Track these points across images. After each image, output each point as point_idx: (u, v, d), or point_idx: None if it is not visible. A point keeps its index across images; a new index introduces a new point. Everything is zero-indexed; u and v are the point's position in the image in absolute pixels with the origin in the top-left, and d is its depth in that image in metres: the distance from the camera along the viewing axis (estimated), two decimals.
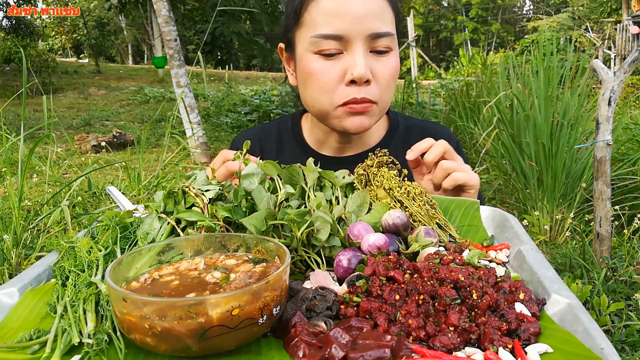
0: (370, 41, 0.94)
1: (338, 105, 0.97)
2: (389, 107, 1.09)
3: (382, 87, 0.97)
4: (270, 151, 1.20)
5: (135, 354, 0.53)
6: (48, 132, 2.30)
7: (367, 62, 0.94)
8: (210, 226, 0.71)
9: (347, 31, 0.92)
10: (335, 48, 0.94)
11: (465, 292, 0.58)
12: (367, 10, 0.92)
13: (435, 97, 7.80)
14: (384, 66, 0.96)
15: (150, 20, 17.50)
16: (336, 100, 0.97)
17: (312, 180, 0.82)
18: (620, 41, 12.28)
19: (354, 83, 0.94)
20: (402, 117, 1.22)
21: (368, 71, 0.93)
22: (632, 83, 8.16)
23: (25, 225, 2.05)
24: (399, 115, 1.22)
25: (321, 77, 0.96)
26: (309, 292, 0.60)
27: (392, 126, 1.18)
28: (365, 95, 0.95)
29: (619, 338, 1.75)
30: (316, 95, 0.99)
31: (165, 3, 5.71)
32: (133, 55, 28.76)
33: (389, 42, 0.95)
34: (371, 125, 1.01)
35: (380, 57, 0.96)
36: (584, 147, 3.07)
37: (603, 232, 2.22)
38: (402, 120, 1.20)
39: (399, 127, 1.18)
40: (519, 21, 35.57)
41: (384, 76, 0.96)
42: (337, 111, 0.98)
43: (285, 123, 1.22)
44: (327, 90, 0.97)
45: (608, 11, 15.76)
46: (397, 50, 1.00)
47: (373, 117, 1.00)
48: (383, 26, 0.94)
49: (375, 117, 1.01)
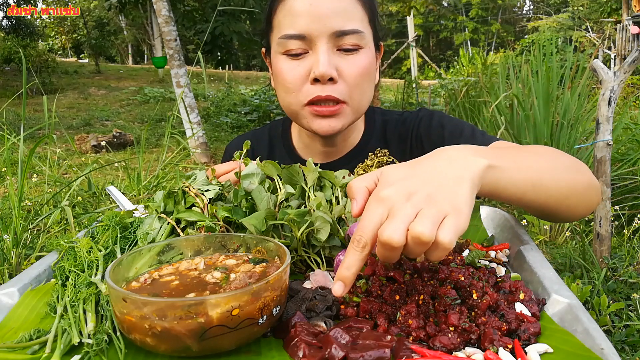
0: (334, 39, 0.93)
1: (304, 104, 0.97)
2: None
3: (350, 85, 0.95)
4: (262, 158, 1.18)
5: (135, 354, 0.53)
6: (48, 133, 2.30)
7: (331, 60, 0.93)
8: (210, 226, 0.71)
9: (310, 30, 0.92)
10: (300, 48, 0.94)
11: (465, 292, 0.58)
12: (330, 9, 0.91)
13: (435, 97, 7.80)
14: (350, 64, 0.94)
15: (150, 20, 17.49)
16: (301, 99, 0.97)
17: (312, 180, 0.82)
18: (620, 41, 12.28)
19: (318, 81, 0.94)
20: (378, 112, 1.19)
21: (331, 69, 0.92)
22: (632, 83, 8.16)
23: (25, 225, 2.05)
24: (375, 110, 1.19)
25: (287, 76, 0.96)
26: (309, 292, 0.60)
27: (369, 124, 1.16)
28: (330, 93, 0.94)
29: (619, 338, 1.75)
30: (284, 95, 1.00)
31: (165, 3, 5.71)
32: (133, 55, 28.76)
33: (355, 40, 0.94)
34: (344, 126, 0.99)
35: (347, 55, 0.95)
36: (584, 147, 3.07)
37: (603, 232, 2.22)
38: (379, 117, 1.17)
39: (375, 124, 1.16)
40: (519, 21, 35.58)
41: (351, 74, 0.94)
42: (304, 110, 0.98)
43: (276, 129, 1.22)
44: (293, 90, 0.97)
45: (608, 11, 15.76)
46: (371, 48, 0.98)
47: (344, 118, 0.98)
48: (348, 23, 0.92)
49: (347, 118, 0.99)
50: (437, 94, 8.10)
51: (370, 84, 0.99)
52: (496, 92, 3.85)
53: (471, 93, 5.04)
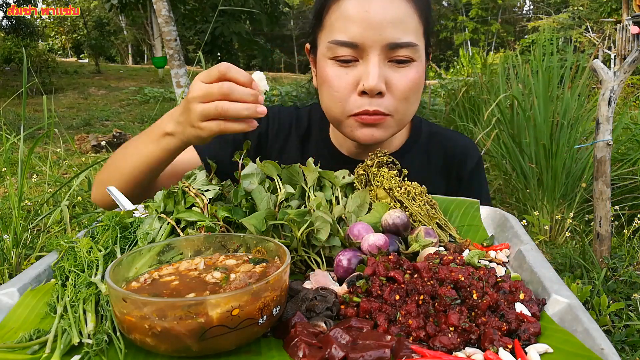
0: (387, 51, 0.89)
1: (350, 115, 0.94)
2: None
3: (397, 99, 0.92)
4: (298, 136, 1.16)
5: (135, 354, 0.53)
6: (47, 131, 2.30)
7: (382, 73, 0.89)
8: (210, 226, 0.71)
9: (363, 39, 0.88)
10: (350, 55, 0.90)
11: (465, 292, 0.58)
12: (386, 18, 0.87)
13: (435, 97, 7.80)
14: (401, 77, 0.91)
15: (150, 20, 17.49)
16: (348, 110, 0.94)
17: (312, 180, 0.82)
18: (620, 41, 12.27)
19: (366, 94, 0.91)
20: (425, 123, 1.17)
21: (380, 83, 0.89)
22: (632, 83, 8.16)
23: (25, 225, 2.05)
24: (422, 121, 1.17)
25: (334, 84, 0.93)
26: (309, 292, 0.60)
27: (414, 133, 1.14)
28: (377, 108, 0.91)
29: (619, 338, 1.75)
30: (329, 102, 0.96)
31: (165, 3, 5.71)
32: (133, 55, 28.75)
33: (409, 53, 0.90)
34: (384, 137, 0.97)
35: (399, 68, 0.91)
36: (584, 147, 3.07)
37: (603, 232, 2.22)
38: (426, 127, 1.16)
39: (421, 134, 1.14)
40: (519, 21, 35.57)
41: (401, 88, 0.91)
42: (349, 120, 0.95)
43: (316, 113, 1.17)
44: (340, 99, 0.94)
45: (608, 11, 15.75)
46: (422, 60, 0.94)
47: (387, 129, 0.96)
48: (404, 36, 0.88)
49: (391, 130, 0.97)
50: (437, 94, 8.10)
51: (417, 96, 0.96)
52: (496, 92, 3.85)
53: (471, 93, 5.04)
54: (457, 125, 4.63)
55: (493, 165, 3.80)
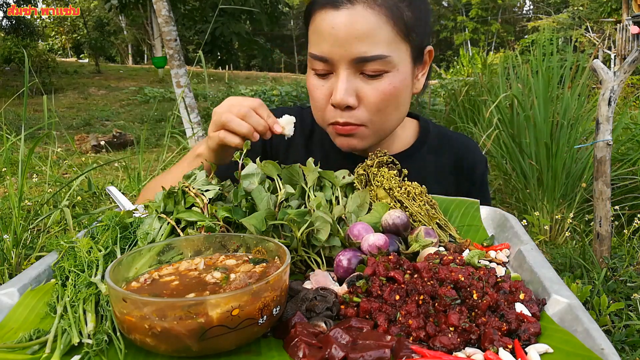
0: (355, 65, 0.89)
1: (327, 124, 0.98)
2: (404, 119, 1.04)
3: (369, 111, 0.92)
4: (303, 135, 1.17)
5: (135, 354, 0.53)
6: (48, 131, 2.30)
7: (351, 87, 0.90)
8: (210, 226, 0.71)
9: (331, 54, 0.89)
10: (324, 69, 0.92)
11: (465, 292, 0.58)
12: (352, 33, 0.86)
13: (435, 97, 7.79)
14: (372, 90, 0.90)
15: (150, 20, 17.49)
16: (326, 119, 0.97)
17: (312, 180, 0.82)
18: (620, 41, 12.28)
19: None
20: (432, 125, 1.17)
21: (347, 97, 0.90)
22: (632, 83, 8.16)
23: (25, 225, 2.05)
24: (430, 122, 1.17)
25: (314, 94, 0.96)
26: (309, 293, 0.60)
27: (422, 133, 1.14)
28: (347, 120, 0.93)
29: (619, 338, 1.75)
30: (313, 109, 1.01)
31: (165, 3, 5.71)
32: (133, 55, 28.75)
33: (379, 66, 0.89)
34: (363, 145, 0.98)
35: (370, 81, 0.91)
36: (584, 147, 3.07)
37: (603, 232, 2.22)
38: (433, 128, 1.16)
39: (429, 135, 1.14)
40: (519, 21, 35.57)
41: (372, 100, 0.91)
42: (328, 128, 0.99)
43: None
44: (319, 108, 0.97)
45: (608, 11, 15.75)
46: (401, 68, 0.92)
47: (364, 139, 0.97)
48: (371, 49, 0.87)
49: (369, 138, 0.98)
50: (437, 94, 8.10)
51: (396, 106, 0.95)
52: (496, 92, 3.85)
53: (471, 93, 5.04)
54: (457, 126, 4.63)
55: (493, 165, 3.80)
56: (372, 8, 0.87)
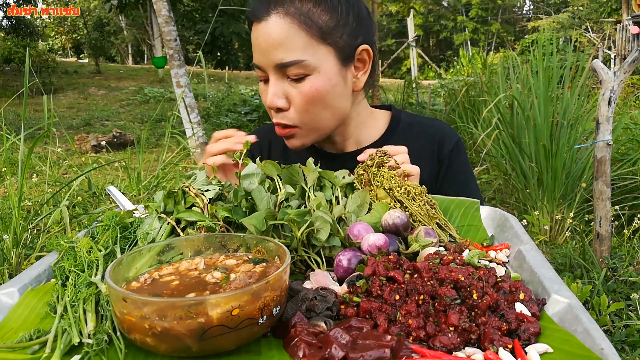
0: (280, 70, 0.97)
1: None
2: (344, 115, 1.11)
3: (298, 112, 1.00)
4: (277, 148, 1.25)
5: (135, 354, 0.53)
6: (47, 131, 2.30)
7: (279, 91, 0.99)
8: (210, 226, 0.71)
9: (260, 63, 0.99)
10: (262, 75, 1.01)
11: (465, 292, 0.58)
12: (268, 42, 0.95)
13: (435, 97, 7.80)
14: (297, 92, 0.98)
15: (150, 20, 17.49)
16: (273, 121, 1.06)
17: (312, 180, 0.82)
18: (620, 41, 12.27)
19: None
20: (405, 114, 1.23)
21: (277, 100, 0.98)
22: (632, 83, 8.16)
23: (25, 225, 2.05)
24: (402, 112, 1.23)
25: (262, 98, 1.06)
26: (309, 292, 0.60)
27: (392, 123, 1.20)
28: (279, 121, 1.02)
29: (619, 338, 1.75)
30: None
31: (165, 3, 5.71)
32: (133, 55, 28.74)
33: (298, 70, 0.96)
34: (304, 144, 1.06)
35: (295, 84, 0.98)
36: (584, 147, 3.07)
37: (603, 232, 2.22)
38: (405, 117, 1.22)
39: (400, 124, 1.20)
40: (519, 21, 35.56)
41: (298, 102, 0.99)
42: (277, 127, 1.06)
43: None
44: (267, 110, 1.06)
45: (608, 11, 15.74)
46: (323, 70, 0.98)
47: (302, 138, 1.05)
48: (287, 55, 0.95)
49: (308, 137, 1.05)
50: (437, 94, 8.10)
51: (324, 105, 1.01)
52: (496, 92, 3.85)
53: (471, 93, 5.04)
54: (457, 126, 4.63)
55: (493, 166, 3.80)
56: (284, 17, 0.95)
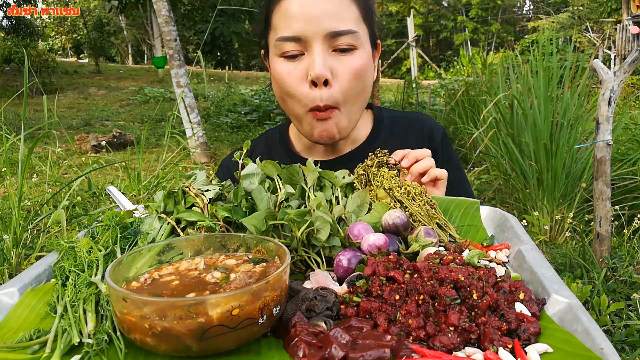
0: (329, 40, 0.93)
1: (307, 110, 0.98)
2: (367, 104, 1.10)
3: (343, 87, 0.96)
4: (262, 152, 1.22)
5: (135, 354, 0.53)
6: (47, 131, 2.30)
7: (326, 62, 0.94)
8: (210, 226, 0.71)
9: (304, 32, 0.93)
10: (296, 50, 0.96)
11: (465, 292, 0.58)
12: (323, 10, 0.92)
13: (435, 97, 7.80)
14: (345, 65, 0.95)
15: (150, 20, 17.49)
16: (304, 104, 0.98)
17: (312, 180, 0.82)
18: (620, 41, 12.28)
19: (315, 84, 0.95)
20: (385, 110, 1.23)
21: (326, 70, 0.93)
22: (632, 83, 8.16)
23: (25, 225, 2.05)
24: (382, 109, 1.23)
25: (286, 80, 0.98)
26: (309, 292, 0.60)
27: (377, 120, 1.20)
28: (327, 102, 0.95)
29: (619, 338, 1.75)
30: (285, 98, 1.01)
31: (165, 3, 5.71)
32: (133, 55, 28.74)
33: (350, 40, 0.94)
34: (340, 133, 1.01)
35: (342, 56, 0.95)
36: (584, 147, 3.07)
37: (603, 232, 2.22)
38: (386, 114, 1.22)
39: (384, 120, 1.20)
40: (519, 21, 35.56)
41: (345, 75, 0.95)
42: (307, 117, 1.00)
43: (273, 136, 1.24)
44: (293, 94, 0.98)
45: (608, 11, 15.75)
46: (366, 48, 0.98)
47: (339, 124, 1.00)
48: (342, 24, 0.93)
49: (342, 125, 1.01)
50: (437, 94, 8.10)
51: (365, 84, 1.00)
52: (496, 91, 3.85)
53: (471, 93, 5.04)
54: (457, 126, 4.63)
55: (493, 166, 3.80)
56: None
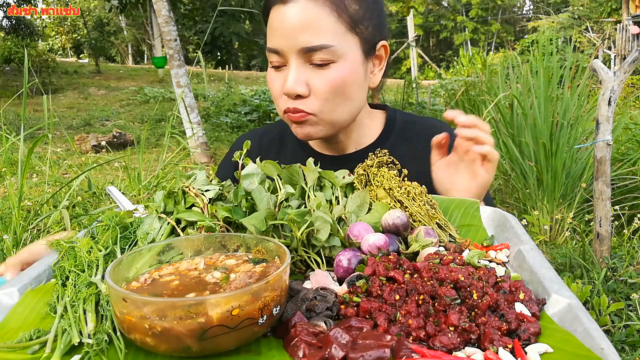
0: (304, 55, 0.92)
1: (283, 113, 1.00)
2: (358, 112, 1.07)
3: (319, 100, 0.95)
4: (271, 150, 1.22)
5: (135, 354, 0.53)
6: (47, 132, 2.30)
7: (302, 77, 0.93)
8: (210, 226, 0.71)
9: (280, 46, 0.93)
10: (277, 61, 0.96)
11: (465, 292, 0.58)
12: (297, 24, 0.91)
13: (435, 97, 7.80)
14: (320, 79, 0.94)
15: (150, 20, 17.49)
16: (280, 109, 1.00)
17: (312, 180, 0.82)
18: (620, 41, 12.28)
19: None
20: (400, 113, 1.21)
21: (297, 86, 0.93)
22: (632, 83, 8.16)
23: (25, 226, 2.05)
24: (397, 111, 1.21)
25: (271, 87, 1.00)
26: (309, 292, 0.60)
27: (388, 122, 1.18)
28: (297, 106, 0.95)
29: (619, 338, 1.75)
30: (274, 101, 1.04)
31: (165, 3, 5.71)
32: (133, 55, 28.75)
33: (325, 55, 0.92)
34: (315, 134, 1.00)
35: (319, 70, 0.94)
36: (584, 147, 3.07)
37: (603, 232, 2.22)
38: (400, 116, 1.20)
39: (396, 123, 1.18)
40: (519, 21, 35.56)
41: (321, 90, 0.94)
42: (284, 117, 1.01)
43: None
44: (275, 99, 1.01)
45: (608, 11, 15.76)
46: (349, 58, 0.95)
47: (316, 126, 0.99)
48: (316, 39, 0.91)
49: (322, 127, 1.00)
50: (437, 94, 8.10)
51: (344, 97, 0.98)
52: (496, 91, 3.85)
53: (471, 93, 5.04)
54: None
55: None
56: (316, 0, 0.91)
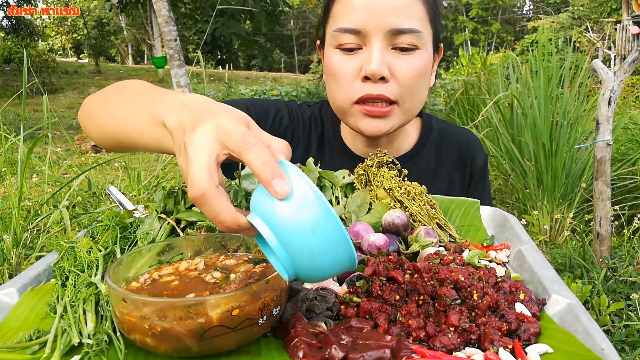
0: (390, 37, 0.88)
1: (353, 101, 0.93)
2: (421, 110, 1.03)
3: (402, 86, 0.91)
4: (316, 137, 1.13)
5: (135, 354, 0.53)
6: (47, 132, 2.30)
7: (384, 59, 0.89)
8: (210, 226, 0.71)
9: (365, 25, 0.88)
10: (353, 43, 0.91)
11: (465, 292, 0.58)
12: (389, 4, 0.87)
13: (435, 97, 7.80)
14: (405, 65, 0.90)
15: (150, 20, 17.49)
16: (351, 96, 0.93)
17: (312, 180, 0.82)
18: (620, 41, 12.28)
19: (369, 80, 0.90)
20: (435, 120, 1.17)
21: (383, 67, 0.88)
22: (632, 83, 8.16)
23: (25, 225, 2.05)
24: (432, 118, 1.17)
25: (338, 71, 0.93)
26: (309, 293, 0.60)
27: (425, 130, 1.13)
28: (381, 92, 0.90)
29: (619, 338, 1.75)
30: (333, 90, 0.96)
31: (165, 3, 5.71)
32: (133, 55, 28.76)
33: (413, 40, 0.89)
34: (392, 128, 0.96)
35: (402, 55, 0.90)
36: (583, 147, 3.07)
37: (603, 232, 2.22)
38: (435, 124, 1.15)
39: (432, 131, 1.13)
40: (519, 21, 35.56)
41: (405, 75, 0.90)
42: (353, 108, 0.95)
43: (327, 112, 1.15)
44: (343, 86, 0.94)
45: (608, 11, 15.76)
46: (428, 49, 0.93)
47: (393, 120, 0.95)
48: (405, 22, 0.88)
49: (397, 120, 0.95)
50: (437, 93, 8.10)
51: (424, 86, 0.95)
52: (495, 91, 3.85)
53: (471, 93, 5.03)
54: None
55: (493, 166, 3.80)
56: None
